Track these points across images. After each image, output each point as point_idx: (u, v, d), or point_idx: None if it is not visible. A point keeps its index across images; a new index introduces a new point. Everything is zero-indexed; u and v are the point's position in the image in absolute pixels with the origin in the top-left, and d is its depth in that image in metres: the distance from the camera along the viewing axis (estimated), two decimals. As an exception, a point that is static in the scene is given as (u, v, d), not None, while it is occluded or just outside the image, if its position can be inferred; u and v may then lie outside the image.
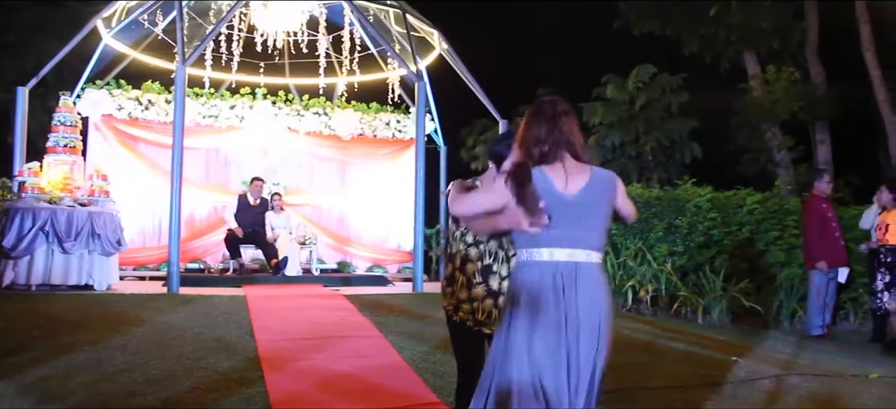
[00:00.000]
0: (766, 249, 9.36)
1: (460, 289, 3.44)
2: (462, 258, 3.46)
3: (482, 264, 3.42)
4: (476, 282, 3.42)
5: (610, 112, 11.84)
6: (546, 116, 2.93)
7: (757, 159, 14.27)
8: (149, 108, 11.86)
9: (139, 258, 11.63)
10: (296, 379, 5.28)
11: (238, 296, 8.40)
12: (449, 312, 3.52)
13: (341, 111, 13.12)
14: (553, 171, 2.84)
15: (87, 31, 11.01)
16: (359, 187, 13.38)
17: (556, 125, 2.91)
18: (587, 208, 2.84)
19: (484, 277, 3.41)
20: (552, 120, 2.92)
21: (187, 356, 5.78)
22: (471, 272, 3.43)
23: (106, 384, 5.05)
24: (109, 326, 6.57)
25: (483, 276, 3.41)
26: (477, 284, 3.41)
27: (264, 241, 11.12)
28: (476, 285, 3.41)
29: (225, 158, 12.64)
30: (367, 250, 13.33)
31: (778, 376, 6.10)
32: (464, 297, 3.43)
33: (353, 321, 7.37)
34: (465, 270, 3.44)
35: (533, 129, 2.93)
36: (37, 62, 11.52)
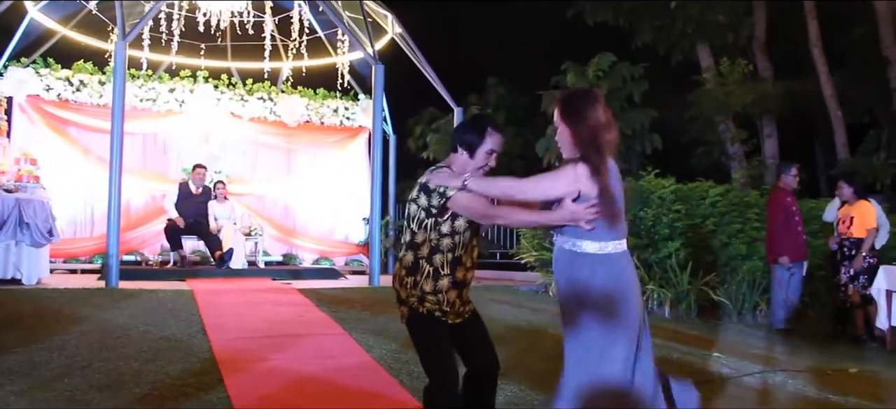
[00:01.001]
0: (728, 241, 9.22)
1: (425, 280, 3.19)
2: (431, 248, 3.19)
3: (452, 256, 3.20)
4: (443, 273, 3.19)
5: (569, 101, 11.58)
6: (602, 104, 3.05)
7: (711, 152, 14.29)
8: (80, 89, 11.08)
9: (70, 250, 10.86)
10: (260, 382, 4.80)
11: (184, 290, 7.82)
12: (413, 303, 3.21)
13: (287, 97, 12.54)
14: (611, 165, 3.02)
15: (8, 3, 10.13)
16: (305, 176, 12.86)
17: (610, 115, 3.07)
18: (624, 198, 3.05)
19: (452, 268, 3.20)
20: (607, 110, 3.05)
21: (134, 357, 5.23)
22: (439, 263, 3.19)
23: (43, 392, 4.47)
24: (43, 324, 5.95)
25: (451, 267, 3.20)
26: (444, 275, 3.19)
27: (207, 232, 10.49)
28: (443, 276, 3.19)
29: (163, 145, 11.94)
30: (313, 241, 12.81)
31: (762, 372, 5.89)
32: (429, 289, 3.19)
33: (312, 318, 6.90)
34: (433, 260, 3.19)
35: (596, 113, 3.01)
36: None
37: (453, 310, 3.26)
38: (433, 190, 3.15)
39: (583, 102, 3.08)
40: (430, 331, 3.22)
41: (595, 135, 2.97)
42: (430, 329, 3.22)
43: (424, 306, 3.19)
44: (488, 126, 3.24)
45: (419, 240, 3.21)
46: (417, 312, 3.21)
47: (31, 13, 10.94)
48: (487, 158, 3.23)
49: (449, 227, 3.18)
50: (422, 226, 3.20)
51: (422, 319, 3.21)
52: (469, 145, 3.22)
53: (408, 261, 3.24)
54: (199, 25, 11.39)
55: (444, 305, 3.21)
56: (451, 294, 3.22)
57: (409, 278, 3.22)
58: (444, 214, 3.15)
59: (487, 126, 3.24)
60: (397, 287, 3.28)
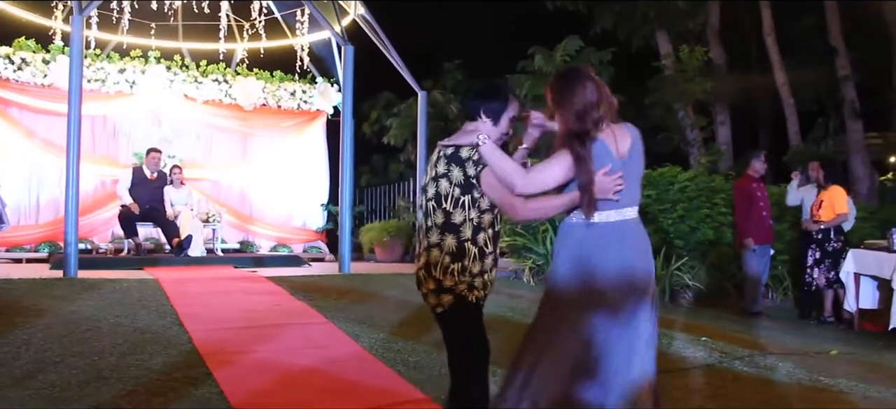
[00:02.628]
0: (697, 226, 9.24)
1: (473, 262, 2.95)
2: (474, 227, 2.95)
3: (493, 231, 3.03)
4: (488, 251, 3.00)
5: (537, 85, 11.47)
6: (591, 80, 2.93)
7: (671, 138, 14.40)
8: (22, 68, 10.44)
9: (14, 238, 10.26)
10: (252, 376, 4.53)
11: (147, 279, 7.43)
12: (462, 291, 2.95)
13: (243, 79, 12.11)
14: (605, 136, 2.90)
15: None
16: (261, 161, 12.48)
17: (601, 90, 2.93)
18: (635, 168, 2.96)
19: (494, 245, 3.04)
20: (597, 85, 2.92)
21: (110, 350, 4.89)
22: (483, 242, 2.98)
23: (15, 390, 4.13)
24: (3, 318, 5.53)
25: (494, 244, 3.04)
26: (488, 254, 3.00)
27: (164, 218, 10.03)
28: (487, 255, 3.00)
29: (113, 128, 11.38)
30: (270, 228, 12.45)
31: (750, 356, 5.88)
32: (477, 271, 2.96)
33: (290, 307, 6.62)
34: (477, 240, 2.96)
35: (583, 95, 2.89)
36: None
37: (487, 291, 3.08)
38: (466, 159, 2.93)
39: (570, 84, 2.96)
40: (475, 318, 3.02)
41: (583, 118, 2.87)
42: (476, 316, 3.03)
43: (474, 294, 2.97)
44: (510, 92, 3.14)
45: (458, 220, 2.95)
46: (466, 300, 2.96)
47: (-35, -15, 10.28)
48: (510, 125, 3.10)
49: (488, 201, 2.96)
50: (458, 204, 2.94)
51: (470, 307, 2.98)
52: (494, 112, 3.05)
53: (450, 246, 2.95)
54: (153, 3, 10.87)
55: (489, 287, 3.05)
56: (494, 273, 3.07)
57: (456, 264, 2.95)
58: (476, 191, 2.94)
59: (510, 92, 3.14)
60: (439, 276, 2.97)
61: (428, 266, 3.02)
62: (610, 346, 2.76)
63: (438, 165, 3.01)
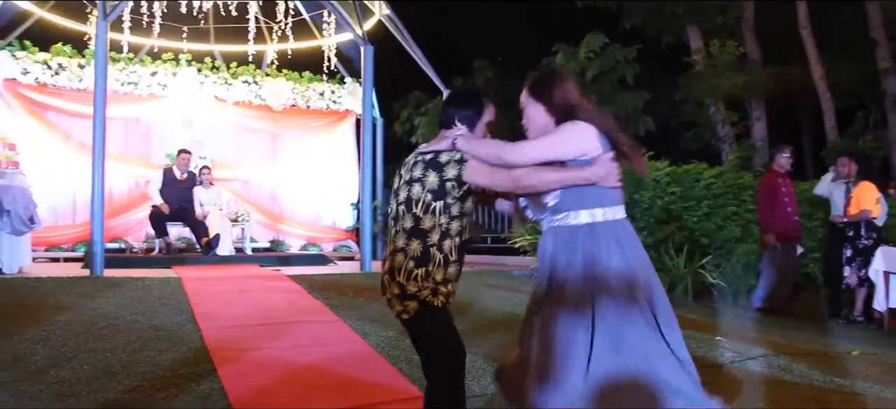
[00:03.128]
0: (723, 224, 9.12)
1: (437, 269, 2.92)
2: (441, 233, 2.93)
3: (460, 240, 2.99)
4: (452, 260, 2.97)
5: (559, 83, 11.40)
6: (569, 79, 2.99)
7: (701, 134, 14.21)
8: (59, 73, 10.79)
9: (51, 238, 10.60)
10: (254, 373, 4.62)
11: (171, 278, 7.60)
12: (426, 297, 2.91)
13: (272, 80, 12.31)
14: None
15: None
16: (291, 161, 12.66)
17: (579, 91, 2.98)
18: None
19: (460, 254, 3.00)
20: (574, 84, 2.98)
21: (123, 348, 5.03)
22: (448, 249, 2.95)
23: (28, 385, 4.28)
24: (26, 315, 5.72)
25: (459, 253, 2.99)
26: (453, 262, 2.97)
27: (193, 218, 10.26)
28: (451, 263, 2.97)
29: (146, 129, 11.66)
30: (300, 227, 12.62)
31: (765, 356, 5.79)
32: (440, 278, 2.93)
33: (304, 305, 6.71)
34: (443, 247, 2.94)
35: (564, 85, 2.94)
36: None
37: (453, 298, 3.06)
38: (446, 163, 2.90)
39: (551, 80, 2.96)
40: (443, 320, 2.99)
41: (569, 103, 2.86)
42: (445, 317, 2.99)
43: (439, 298, 2.93)
44: (485, 97, 3.11)
45: (426, 226, 2.93)
46: (432, 305, 2.92)
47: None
48: (486, 131, 3.08)
49: (459, 208, 2.94)
50: (429, 210, 2.92)
51: (434, 311, 2.94)
52: (469, 119, 3.03)
53: (415, 251, 2.92)
54: (182, 7, 11.10)
55: (452, 295, 3.01)
56: (458, 282, 3.04)
57: (420, 270, 2.91)
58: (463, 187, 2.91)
59: (484, 97, 3.11)
60: (403, 281, 2.92)
61: (392, 271, 2.98)
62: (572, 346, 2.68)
63: (415, 169, 2.99)
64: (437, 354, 2.99)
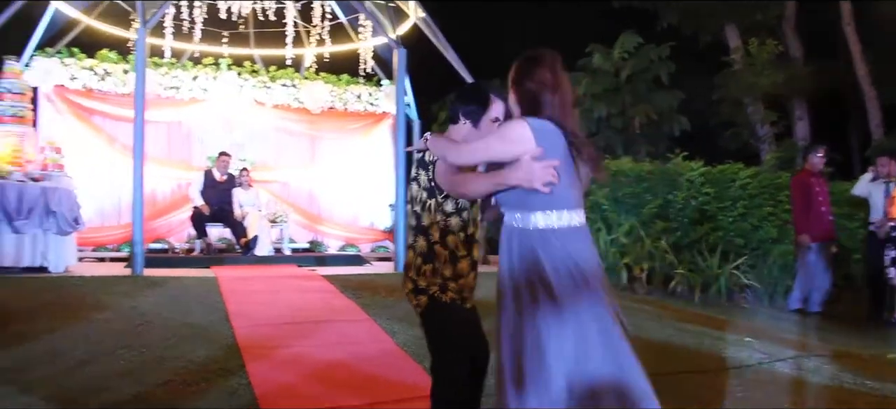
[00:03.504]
0: (759, 225, 9.03)
1: (444, 265, 2.98)
2: (441, 230, 2.98)
3: (465, 235, 3.01)
4: (460, 255, 3.00)
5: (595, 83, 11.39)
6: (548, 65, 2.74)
7: (739, 134, 14.02)
8: (105, 78, 11.07)
9: (97, 239, 10.90)
10: (282, 369, 4.76)
11: (208, 278, 7.81)
12: (434, 293, 2.97)
13: (310, 83, 12.48)
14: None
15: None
16: (329, 163, 12.79)
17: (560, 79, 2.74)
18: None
19: (468, 249, 3.02)
20: (555, 71, 2.74)
21: (157, 344, 5.22)
22: (453, 245, 2.99)
23: (68, 378, 4.49)
24: (69, 312, 5.95)
25: (467, 248, 3.02)
26: (461, 257, 3.00)
27: (232, 219, 10.49)
28: (460, 258, 3.00)
29: (188, 133, 11.91)
30: (339, 228, 12.77)
31: (795, 357, 5.74)
32: (449, 274, 2.98)
33: (336, 304, 6.84)
34: (447, 242, 2.99)
35: (537, 73, 2.71)
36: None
37: (472, 295, 3.08)
38: (430, 162, 2.96)
39: (529, 64, 2.77)
40: (453, 321, 2.97)
41: (536, 95, 2.68)
42: (452, 315, 2.98)
43: (447, 296, 2.97)
44: (491, 93, 3.05)
45: (426, 223, 3.01)
46: (440, 300, 2.96)
47: (54, 3, 10.93)
48: (492, 126, 3.00)
49: (453, 205, 2.97)
50: (426, 207, 3.00)
51: (443, 307, 2.96)
52: (472, 114, 3.00)
53: (421, 247, 3.01)
54: (221, 12, 11.35)
55: (465, 290, 3.02)
56: (470, 278, 3.05)
57: (427, 266, 2.99)
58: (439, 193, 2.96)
59: (490, 93, 3.05)
60: (413, 276, 3.02)
61: (406, 267, 3.09)
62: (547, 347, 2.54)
63: (412, 168, 3.07)
64: (445, 350, 2.99)
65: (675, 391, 4.61)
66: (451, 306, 2.98)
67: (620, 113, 12.34)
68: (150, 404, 4.09)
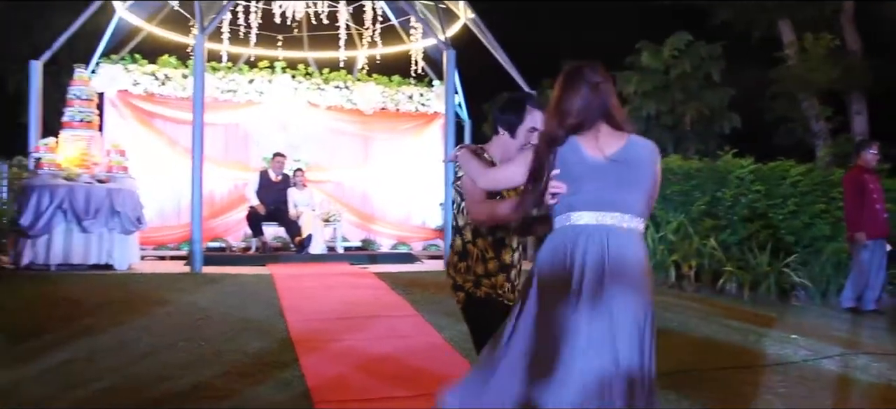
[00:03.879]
0: (811, 222, 8.92)
1: (476, 263, 3.12)
2: (473, 231, 3.13)
3: (494, 238, 3.12)
4: (489, 256, 3.11)
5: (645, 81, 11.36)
6: (584, 82, 2.72)
7: (794, 130, 13.79)
8: (165, 83, 11.49)
9: (159, 238, 11.31)
10: (333, 362, 4.95)
11: (263, 275, 8.08)
12: (469, 288, 3.13)
13: (363, 85, 12.72)
14: (584, 138, 2.66)
15: (98, 3, 10.64)
16: (382, 163, 13.02)
17: (596, 93, 2.71)
18: (621, 173, 2.63)
19: (496, 251, 3.12)
20: (590, 87, 2.72)
21: (215, 337, 5.47)
22: (482, 246, 3.12)
23: (133, 368, 4.75)
24: (132, 307, 6.26)
25: (495, 250, 3.12)
26: (489, 259, 3.11)
27: (287, 218, 10.79)
28: (489, 259, 3.11)
29: (244, 135, 12.27)
30: (391, 227, 12.99)
31: (842, 355, 5.70)
32: (481, 271, 3.11)
33: (386, 300, 7.04)
34: (477, 243, 3.13)
35: (568, 99, 2.71)
36: (51, 39, 11.16)
37: (505, 294, 3.16)
38: (455, 171, 3.14)
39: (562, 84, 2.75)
40: (487, 315, 3.06)
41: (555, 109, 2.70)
42: (488, 312, 3.07)
43: (481, 290, 3.11)
44: (527, 103, 3.11)
45: (461, 224, 3.17)
46: (474, 296, 3.12)
47: (119, 12, 11.43)
48: (529, 136, 3.06)
49: None
50: (460, 209, 3.17)
51: (478, 302, 3.12)
52: (508, 125, 3.10)
53: (458, 246, 3.19)
54: (276, 17, 11.67)
55: (498, 289, 3.13)
56: (499, 278, 3.14)
57: (462, 264, 3.15)
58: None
59: (527, 103, 3.12)
60: (452, 274, 3.20)
61: (448, 264, 3.28)
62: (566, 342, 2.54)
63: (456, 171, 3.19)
64: (477, 346, 3.10)
65: (716, 387, 4.69)
66: (485, 299, 3.11)
67: (670, 110, 12.28)
68: (208, 393, 4.30)
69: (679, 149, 12.10)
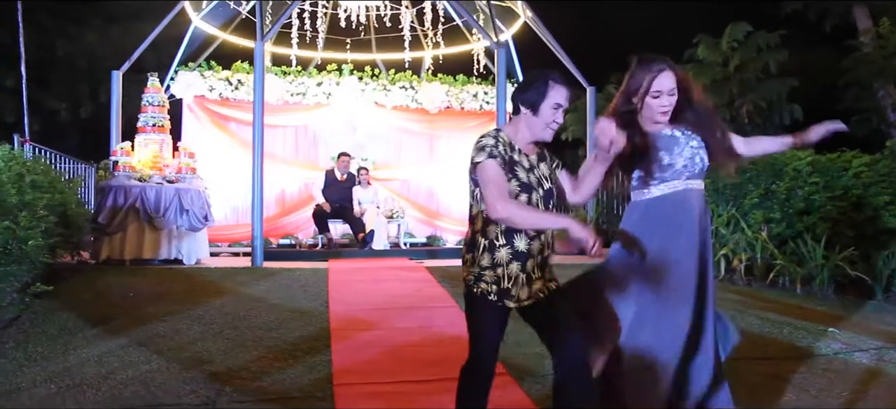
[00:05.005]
0: (875, 214, 8.65)
1: (481, 255, 2.96)
2: (484, 219, 2.96)
3: (506, 225, 2.93)
4: (498, 244, 2.94)
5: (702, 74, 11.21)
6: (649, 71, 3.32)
7: (868, 120, 13.29)
8: (238, 88, 12.09)
9: (233, 235, 11.93)
10: (362, 349, 5.24)
11: (320, 269, 8.45)
12: (469, 282, 3.00)
13: (428, 84, 13.03)
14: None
15: (173, 15, 11.33)
16: (447, 161, 13.28)
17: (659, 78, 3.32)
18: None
19: (508, 238, 2.94)
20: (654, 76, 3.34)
21: (260, 326, 5.85)
22: (493, 234, 2.95)
23: (180, 352, 5.17)
24: (191, 298, 6.72)
25: (506, 237, 2.94)
26: (499, 247, 2.94)
27: (351, 215, 11.19)
28: (498, 247, 2.94)
29: (314, 136, 12.77)
30: (456, 223, 13.24)
31: (878, 348, 5.61)
32: (486, 263, 2.94)
33: (429, 293, 7.29)
34: (487, 232, 2.96)
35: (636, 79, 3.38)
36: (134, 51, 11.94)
37: (518, 287, 2.96)
38: (471, 157, 2.97)
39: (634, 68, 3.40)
40: (477, 312, 3.02)
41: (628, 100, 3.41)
42: (478, 310, 3.01)
43: (479, 287, 2.96)
44: (550, 78, 2.95)
45: (474, 212, 3.02)
46: (471, 291, 3.00)
47: (194, 22, 12.10)
48: (554, 113, 2.95)
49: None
50: (473, 196, 3.00)
51: (474, 299, 3.00)
52: (531, 103, 2.94)
53: (466, 237, 3.07)
54: (341, 21, 12.11)
55: (503, 281, 2.94)
56: (511, 268, 2.94)
57: (468, 255, 3.03)
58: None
59: (549, 78, 2.95)
60: (461, 265, 3.10)
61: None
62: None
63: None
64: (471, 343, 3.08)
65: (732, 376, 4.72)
66: (479, 298, 2.99)
67: (729, 103, 12.04)
68: (240, 375, 4.67)
69: (738, 142, 11.81)
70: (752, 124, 12.19)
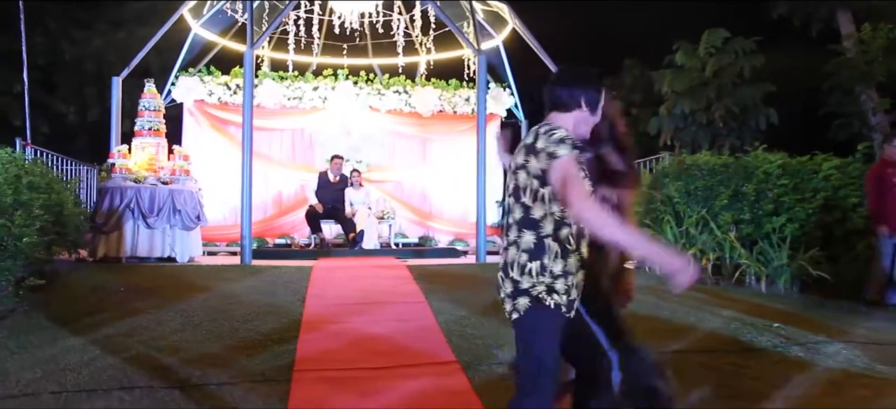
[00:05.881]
0: (844, 216, 8.94)
1: (553, 261, 2.67)
2: (556, 221, 2.69)
3: (578, 228, 2.72)
4: (570, 248, 2.70)
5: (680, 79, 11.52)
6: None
7: (849, 124, 13.52)
8: (237, 92, 12.49)
9: (232, 235, 12.30)
10: (328, 339, 5.62)
11: (305, 267, 8.83)
12: (540, 294, 2.68)
13: (421, 89, 13.39)
14: None
15: (171, 22, 11.77)
16: (439, 163, 13.63)
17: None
18: None
19: (577, 242, 2.73)
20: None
21: (237, 318, 6.23)
22: (565, 237, 2.69)
23: (159, 341, 5.57)
24: (178, 293, 7.11)
25: (577, 241, 2.73)
26: (571, 251, 2.71)
27: (343, 216, 11.57)
28: (570, 252, 2.70)
29: (310, 139, 13.16)
30: (448, 224, 13.59)
31: (815, 343, 5.90)
32: (559, 270, 2.68)
33: (403, 289, 7.65)
34: (559, 236, 2.69)
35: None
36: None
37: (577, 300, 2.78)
38: (541, 150, 2.67)
39: None
40: (551, 326, 2.71)
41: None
42: (547, 327, 2.71)
43: (552, 298, 2.67)
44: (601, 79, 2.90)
45: (537, 215, 2.70)
46: (544, 304, 2.67)
47: (194, 29, 12.55)
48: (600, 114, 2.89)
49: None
50: (537, 197, 2.69)
51: (543, 315, 2.68)
52: (593, 102, 2.82)
53: (528, 243, 2.70)
54: (336, 27, 12.50)
55: (573, 290, 2.71)
56: (579, 276, 2.75)
57: (534, 263, 2.68)
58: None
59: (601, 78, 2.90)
60: (516, 277, 2.71)
61: (505, 266, 2.78)
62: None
63: (518, 156, 2.79)
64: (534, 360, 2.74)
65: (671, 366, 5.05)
66: (553, 311, 2.69)
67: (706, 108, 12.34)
68: (210, 362, 5.05)
69: (714, 145, 12.15)
70: (726, 129, 12.48)
